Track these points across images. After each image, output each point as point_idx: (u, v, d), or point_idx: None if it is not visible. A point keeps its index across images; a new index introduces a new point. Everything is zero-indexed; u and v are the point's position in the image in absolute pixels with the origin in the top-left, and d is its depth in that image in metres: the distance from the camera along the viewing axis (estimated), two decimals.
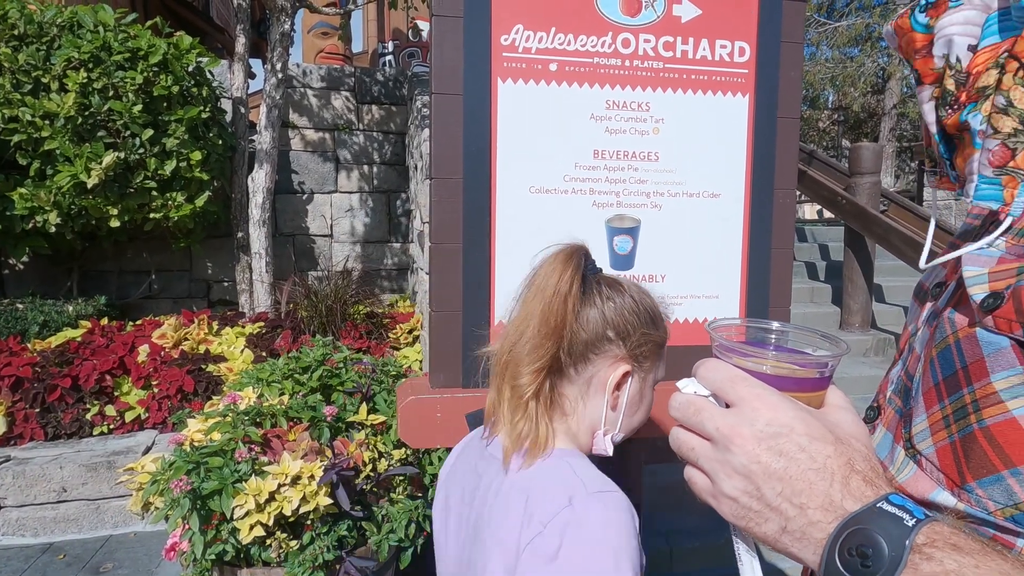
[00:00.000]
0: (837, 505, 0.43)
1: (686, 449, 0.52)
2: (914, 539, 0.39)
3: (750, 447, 0.47)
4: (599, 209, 1.30)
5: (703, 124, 1.32)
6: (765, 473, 0.46)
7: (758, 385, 0.49)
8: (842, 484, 0.44)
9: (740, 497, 0.48)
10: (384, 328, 4.75)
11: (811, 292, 5.24)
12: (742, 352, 0.52)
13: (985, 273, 0.50)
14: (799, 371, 0.51)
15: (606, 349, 0.87)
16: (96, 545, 3.22)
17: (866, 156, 4.80)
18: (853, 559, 0.41)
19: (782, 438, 0.46)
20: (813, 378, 0.52)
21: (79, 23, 4.29)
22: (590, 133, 1.28)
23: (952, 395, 0.52)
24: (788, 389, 0.50)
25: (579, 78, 1.26)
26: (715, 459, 0.49)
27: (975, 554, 0.38)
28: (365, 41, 11.14)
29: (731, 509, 0.49)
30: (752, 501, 0.47)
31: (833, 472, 0.45)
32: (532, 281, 0.88)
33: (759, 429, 0.47)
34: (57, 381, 3.62)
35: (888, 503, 0.42)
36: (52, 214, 4.26)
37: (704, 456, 0.50)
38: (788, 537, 0.45)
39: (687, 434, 0.52)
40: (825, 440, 0.46)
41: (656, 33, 1.28)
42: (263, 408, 2.41)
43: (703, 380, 0.52)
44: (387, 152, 6.00)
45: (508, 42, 1.23)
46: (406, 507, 2.30)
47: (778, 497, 0.45)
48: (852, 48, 16.02)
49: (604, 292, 0.87)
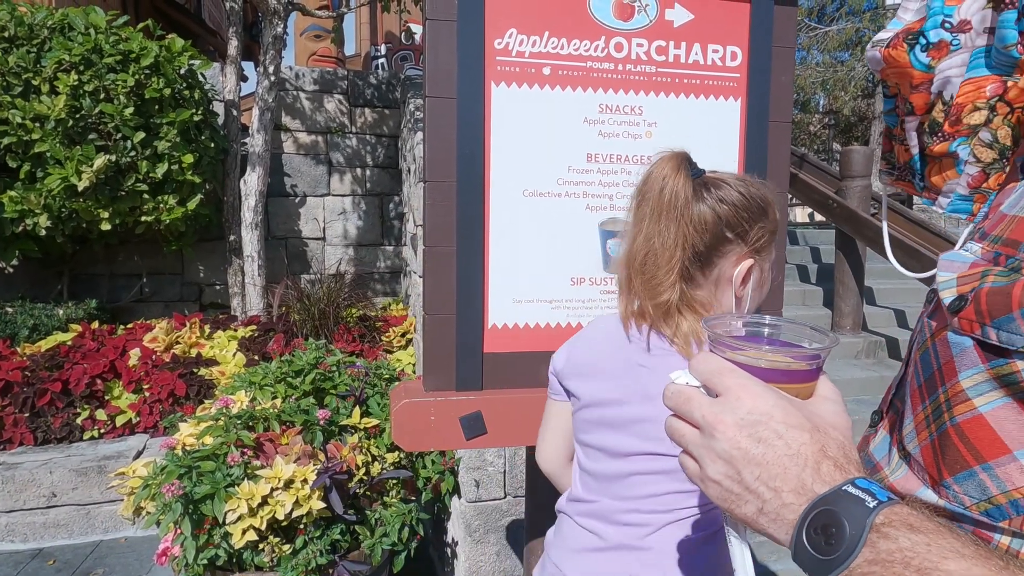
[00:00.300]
0: (808, 488, 0.46)
1: (677, 436, 0.55)
2: (874, 519, 0.42)
3: (731, 434, 0.50)
4: (592, 212, 1.30)
5: (696, 128, 1.33)
6: (745, 458, 0.49)
7: (744, 376, 0.52)
8: (814, 469, 0.46)
9: (723, 480, 0.50)
10: (377, 331, 4.74)
11: (803, 295, 5.27)
12: (733, 346, 0.54)
13: (954, 278, 0.53)
14: (788, 364, 0.54)
15: (728, 250, 0.92)
16: (86, 550, 3.20)
17: (857, 160, 4.84)
18: (818, 537, 0.43)
19: (761, 426, 0.49)
20: (802, 370, 0.54)
21: (70, 25, 4.27)
22: (583, 136, 1.28)
23: (931, 396, 0.55)
24: (777, 381, 0.52)
25: (572, 82, 1.27)
26: (702, 445, 0.52)
27: (929, 533, 0.41)
28: (358, 44, 11.13)
29: (716, 492, 0.51)
30: (733, 484, 0.50)
31: (807, 458, 0.47)
32: (644, 194, 0.92)
33: (740, 417, 0.50)
34: (47, 385, 3.60)
35: (854, 486, 0.44)
36: (42, 217, 4.24)
37: (693, 442, 0.53)
38: (764, 518, 0.48)
39: (679, 422, 0.55)
40: (802, 428, 0.48)
41: (649, 37, 1.29)
42: (256, 412, 2.40)
43: (694, 371, 0.55)
44: (380, 155, 6.00)
45: (502, 46, 1.23)
46: (399, 511, 2.30)
47: (756, 481, 0.48)
48: (842, 52, 16.14)
49: (714, 194, 0.91)
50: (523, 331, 1.29)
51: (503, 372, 1.28)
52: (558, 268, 1.29)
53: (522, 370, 1.29)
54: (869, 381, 4.19)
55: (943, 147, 0.57)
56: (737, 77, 1.33)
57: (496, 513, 2.56)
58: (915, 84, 0.59)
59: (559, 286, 1.30)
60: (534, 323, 1.29)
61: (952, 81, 0.56)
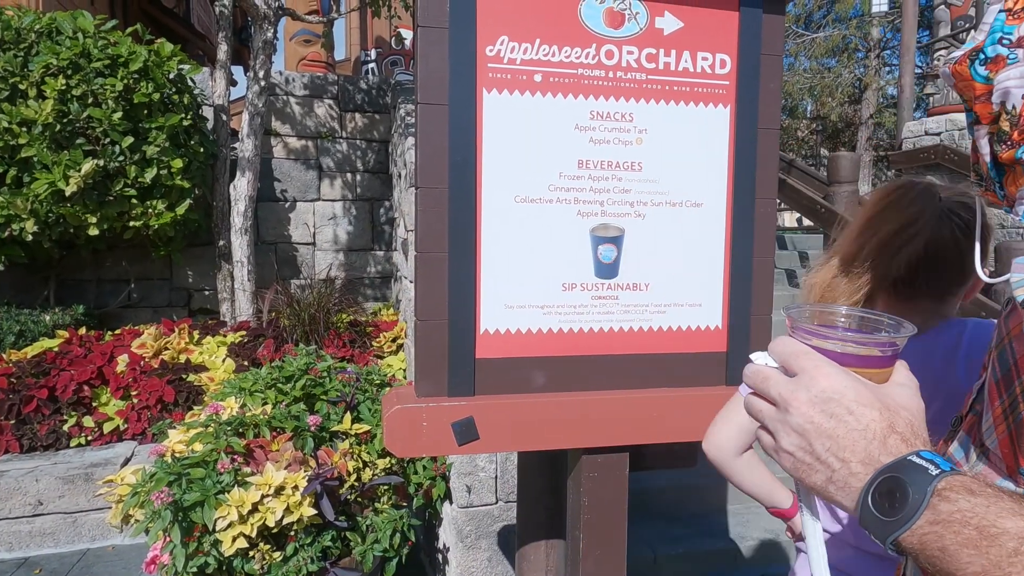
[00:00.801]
0: (875, 459, 0.51)
1: (755, 411, 0.61)
2: (936, 485, 0.46)
3: (805, 409, 0.55)
4: (583, 218, 1.31)
5: (685, 134, 1.34)
6: (817, 432, 0.54)
7: (818, 358, 0.57)
8: (881, 442, 0.52)
9: (796, 452, 0.56)
10: (368, 336, 4.73)
11: (791, 299, 5.30)
12: (812, 331, 0.59)
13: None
14: (861, 349, 0.58)
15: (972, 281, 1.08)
16: (73, 559, 3.16)
17: (844, 165, 4.89)
18: (883, 501, 0.49)
19: (833, 403, 0.54)
20: (876, 356, 0.59)
21: (58, 29, 4.24)
22: (574, 143, 1.29)
23: (1008, 390, 0.59)
24: (852, 365, 0.57)
25: (563, 89, 1.28)
26: (777, 419, 0.58)
27: (988, 496, 0.45)
28: (348, 49, 11.12)
29: (789, 462, 0.57)
30: (805, 455, 0.55)
31: (875, 432, 0.52)
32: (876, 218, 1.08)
33: (814, 395, 0.55)
34: (33, 392, 3.56)
35: (918, 457, 0.49)
36: (29, 222, 4.20)
37: (769, 417, 0.59)
38: (832, 486, 0.53)
39: (756, 399, 0.61)
40: (872, 406, 0.54)
41: (639, 45, 1.30)
42: (246, 418, 2.38)
43: (772, 353, 0.61)
44: (370, 160, 5.99)
45: (493, 53, 1.24)
46: (391, 517, 2.29)
47: (826, 452, 0.53)
48: (829, 59, 16.30)
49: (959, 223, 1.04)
50: (515, 337, 1.29)
51: (495, 377, 1.29)
52: (549, 274, 1.30)
53: (514, 375, 1.30)
54: None
55: (1010, 155, 0.61)
56: (726, 84, 1.34)
57: (488, 519, 2.56)
58: (977, 95, 0.64)
59: (551, 292, 1.30)
60: (526, 329, 1.30)
61: (1012, 92, 0.59)
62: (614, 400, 1.31)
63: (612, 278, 1.33)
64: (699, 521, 3.08)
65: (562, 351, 1.31)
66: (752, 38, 1.34)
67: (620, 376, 1.34)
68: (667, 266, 1.35)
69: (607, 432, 1.31)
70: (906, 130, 7.44)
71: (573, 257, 1.30)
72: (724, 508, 3.22)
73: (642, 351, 1.35)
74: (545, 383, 1.31)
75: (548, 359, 1.31)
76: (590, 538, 1.36)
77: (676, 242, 1.35)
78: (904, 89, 7.84)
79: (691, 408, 1.33)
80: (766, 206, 1.38)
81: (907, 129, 7.43)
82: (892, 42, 15.84)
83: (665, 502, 3.16)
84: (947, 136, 6.93)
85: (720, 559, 2.87)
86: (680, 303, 1.37)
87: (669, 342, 1.36)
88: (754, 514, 3.19)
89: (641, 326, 1.34)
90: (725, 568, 2.87)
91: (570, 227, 1.30)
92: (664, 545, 2.86)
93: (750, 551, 2.91)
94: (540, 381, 1.31)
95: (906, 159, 7.27)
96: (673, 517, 3.11)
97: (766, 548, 2.94)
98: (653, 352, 1.35)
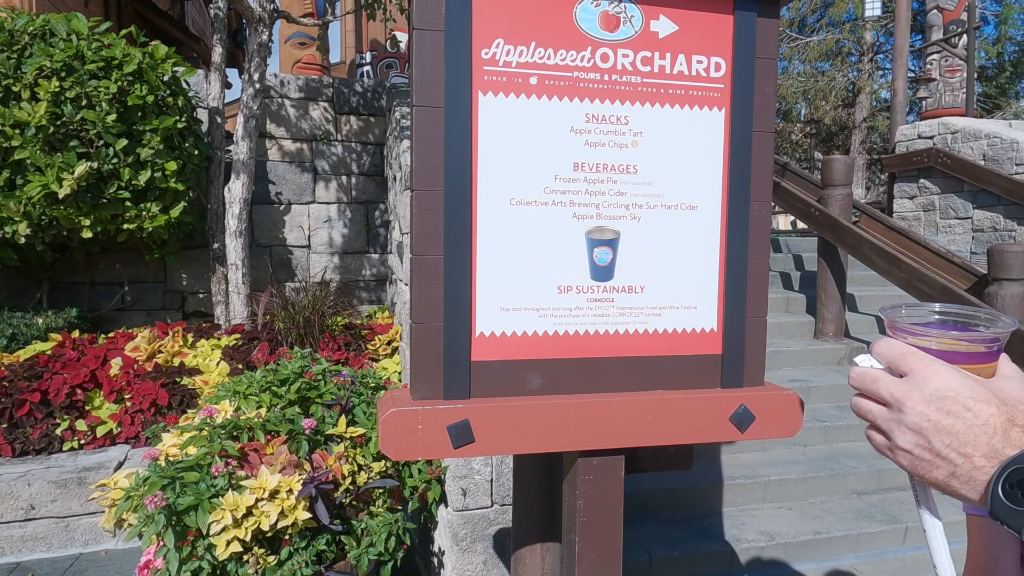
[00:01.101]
0: (999, 452, 0.54)
1: (864, 411, 0.63)
2: None
3: (921, 408, 0.57)
4: (579, 221, 1.31)
5: (680, 137, 1.34)
6: (935, 429, 0.56)
7: (927, 358, 0.59)
8: (1003, 436, 0.54)
9: (913, 449, 0.58)
10: (363, 339, 4.72)
11: (786, 302, 5.32)
12: (914, 331, 0.61)
13: None
14: (967, 347, 0.60)
15: None
16: (66, 564, 3.14)
17: (838, 168, 4.90)
18: (1014, 491, 0.51)
19: (949, 400, 0.56)
20: (980, 352, 0.60)
21: (51, 31, 4.23)
22: (570, 146, 1.29)
23: None
24: (957, 362, 0.59)
25: (559, 92, 1.28)
26: (891, 419, 0.60)
27: None
28: (343, 51, 11.12)
29: (906, 460, 0.59)
30: (924, 452, 0.57)
31: (995, 427, 0.54)
32: None
33: (928, 393, 0.57)
34: (26, 396, 3.54)
35: None
36: (22, 225, 4.18)
37: (881, 417, 0.61)
38: (956, 481, 0.56)
39: (865, 400, 0.63)
40: (988, 401, 0.56)
41: (634, 48, 1.30)
42: (240, 421, 2.37)
43: (878, 355, 0.62)
44: (365, 163, 5.98)
45: (489, 56, 1.24)
46: (386, 520, 2.28)
47: (947, 448, 0.56)
48: (823, 63, 16.37)
49: None
50: (510, 339, 1.29)
51: (490, 380, 1.28)
52: (545, 276, 1.30)
53: (509, 378, 1.29)
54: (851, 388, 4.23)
55: None
56: (721, 88, 1.35)
57: (483, 522, 2.56)
58: None
59: (546, 294, 1.30)
60: (521, 331, 1.29)
61: None
62: (609, 403, 1.31)
63: (607, 280, 1.33)
64: (694, 523, 3.09)
65: (557, 354, 1.31)
66: (747, 42, 1.34)
67: (615, 379, 1.34)
68: (662, 269, 1.35)
69: (603, 435, 1.31)
70: (899, 134, 7.48)
71: (568, 260, 1.30)
72: (719, 510, 3.23)
73: (637, 354, 1.35)
74: (540, 385, 1.31)
75: (543, 361, 1.31)
76: (585, 541, 1.36)
77: (671, 245, 1.35)
78: (897, 93, 7.89)
79: (686, 411, 1.33)
80: (761, 209, 1.39)
81: (900, 133, 7.47)
82: (885, 46, 15.94)
83: (660, 504, 3.16)
84: (940, 140, 6.97)
85: (715, 561, 2.87)
86: (675, 306, 1.37)
87: (664, 345, 1.36)
88: (749, 516, 3.20)
89: (636, 329, 1.35)
90: (720, 570, 2.88)
91: (565, 230, 1.30)
92: (660, 547, 2.86)
93: (745, 553, 2.91)
94: (535, 383, 1.30)
95: (899, 162, 7.31)
96: (668, 519, 3.11)
97: (761, 550, 2.94)
98: (648, 355, 1.35)
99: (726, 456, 3.52)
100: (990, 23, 17.35)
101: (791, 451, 3.68)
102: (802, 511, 3.27)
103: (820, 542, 3.02)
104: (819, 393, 4.14)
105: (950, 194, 6.77)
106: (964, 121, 6.91)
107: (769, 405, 1.37)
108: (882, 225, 4.92)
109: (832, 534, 3.05)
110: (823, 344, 4.72)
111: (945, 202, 6.83)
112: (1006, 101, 18.38)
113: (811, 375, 4.35)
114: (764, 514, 3.24)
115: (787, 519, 3.19)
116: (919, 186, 7.11)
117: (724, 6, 1.33)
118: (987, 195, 6.36)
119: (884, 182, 9.28)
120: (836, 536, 3.05)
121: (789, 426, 1.39)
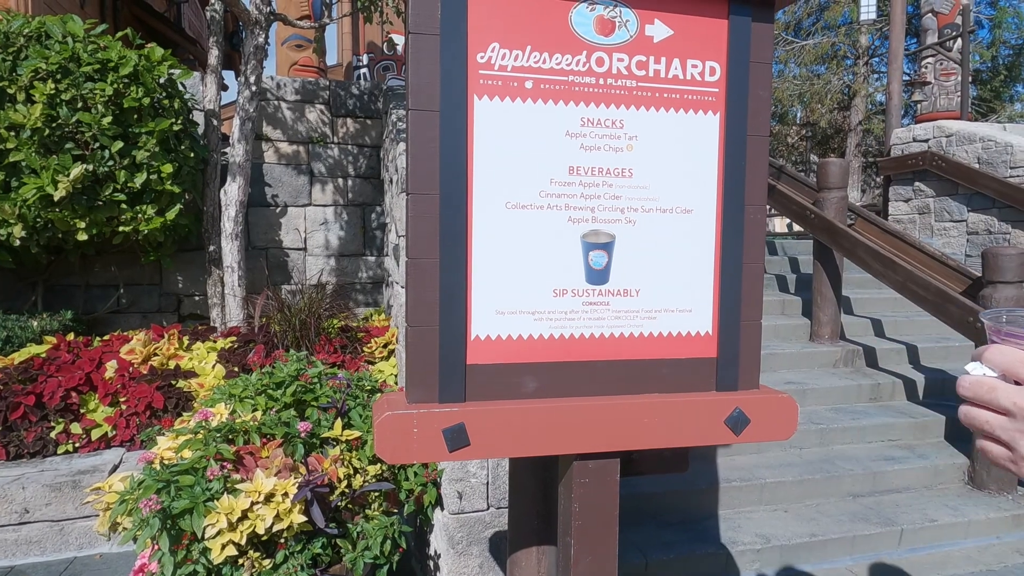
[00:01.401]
0: None
1: (980, 423, 0.60)
2: None
3: None
4: (574, 224, 1.31)
5: (676, 141, 1.35)
6: None
7: None
8: None
9: None
10: (359, 342, 4.71)
11: (782, 304, 5.33)
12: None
13: None
14: None
15: None
16: (60, 568, 3.13)
17: (833, 171, 4.92)
18: None
19: None
20: None
21: (47, 33, 4.22)
22: (565, 150, 1.30)
23: None
24: None
25: (554, 95, 1.28)
26: (1014, 429, 0.57)
27: None
28: (340, 54, 11.12)
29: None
30: None
31: None
32: None
33: None
34: (20, 398, 3.52)
35: None
36: (17, 227, 4.17)
37: (1001, 427, 0.58)
38: None
39: (980, 410, 0.60)
40: None
41: (629, 52, 1.31)
42: (236, 425, 2.37)
43: (991, 363, 0.59)
44: (362, 165, 5.98)
45: (484, 60, 1.24)
46: (381, 523, 2.28)
47: None
48: (819, 66, 16.43)
49: None
50: (506, 342, 1.29)
51: (486, 383, 1.29)
52: (541, 280, 1.30)
53: (505, 381, 1.30)
54: (847, 390, 4.24)
55: None
56: (716, 92, 1.35)
57: (479, 525, 2.55)
58: None
59: (541, 298, 1.30)
60: (516, 334, 1.30)
61: None
62: (605, 406, 1.31)
63: (603, 284, 1.33)
64: (690, 526, 3.09)
65: (553, 357, 1.31)
66: (741, 46, 1.35)
67: (611, 382, 1.34)
68: (658, 272, 1.36)
69: (598, 438, 1.31)
70: (894, 136, 7.51)
71: (564, 263, 1.31)
72: (715, 513, 3.23)
73: (633, 357, 1.35)
74: (536, 389, 1.31)
75: (539, 365, 1.31)
76: (581, 544, 1.36)
77: (666, 248, 1.35)
78: (892, 96, 7.92)
79: (682, 414, 1.33)
80: (756, 212, 1.39)
81: (895, 136, 7.50)
82: (880, 49, 16.00)
83: (656, 507, 3.17)
84: (935, 143, 7.00)
85: (711, 564, 2.88)
86: (671, 309, 1.37)
87: (660, 348, 1.37)
88: (745, 519, 3.20)
89: (632, 332, 1.35)
90: (717, 573, 2.88)
91: (561, 233, 1.30)
92: (655, 550, 2.86)
93: (741, 556, 2.92)
94: (531, 387, 1.31)
95: (895, 165, 7.34)
96: (664, 522, 3.11)
97: (757, 553, 2.94)
98: (644, 358, 1.36)
99: (722, 458, 3.53)
100: (984, 27, 17.44)
101: (787, 453, 3.69)
102: (798, 513, 3.28)
103: (816, 544, 3.03)
104: (815, 396, 4.15)
105: (945, 197, 6.80)
106: (959, 124, 6.95)
107: (764, 408, 1.37)
108: (877, 228, 4.93)
109: (828, 536, 3.05)
110: (819, 347, 4.73)
111: (940, 205, 6.86)
112: (1000, 104, 18.48)
113: (807, 378, 4.36)
114: (760, 517, 3.24)
115: (783, 521, 3.19)
116: (914, 189, 7.14)
117: (719, 11, 1.34)
118: (982, 198, 6.39)
119: (880, 185, 9.32)
120: (832, 538, 3.05)
121: (784, 429, 1.39)
